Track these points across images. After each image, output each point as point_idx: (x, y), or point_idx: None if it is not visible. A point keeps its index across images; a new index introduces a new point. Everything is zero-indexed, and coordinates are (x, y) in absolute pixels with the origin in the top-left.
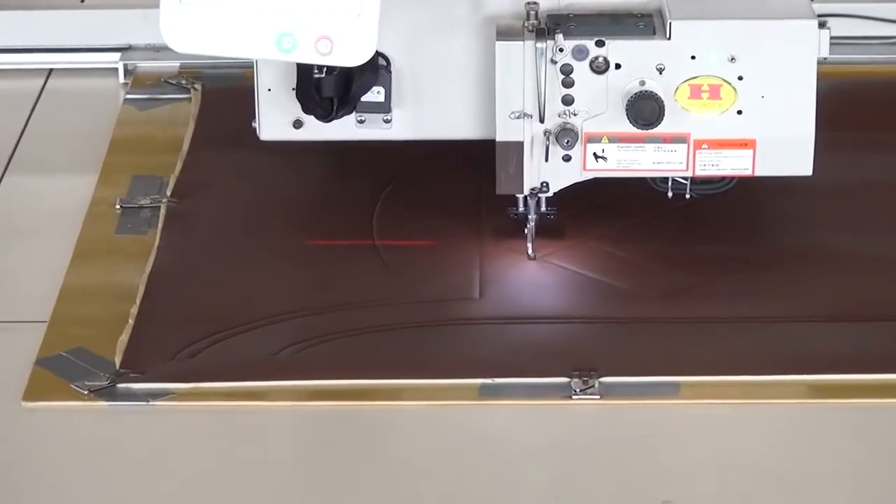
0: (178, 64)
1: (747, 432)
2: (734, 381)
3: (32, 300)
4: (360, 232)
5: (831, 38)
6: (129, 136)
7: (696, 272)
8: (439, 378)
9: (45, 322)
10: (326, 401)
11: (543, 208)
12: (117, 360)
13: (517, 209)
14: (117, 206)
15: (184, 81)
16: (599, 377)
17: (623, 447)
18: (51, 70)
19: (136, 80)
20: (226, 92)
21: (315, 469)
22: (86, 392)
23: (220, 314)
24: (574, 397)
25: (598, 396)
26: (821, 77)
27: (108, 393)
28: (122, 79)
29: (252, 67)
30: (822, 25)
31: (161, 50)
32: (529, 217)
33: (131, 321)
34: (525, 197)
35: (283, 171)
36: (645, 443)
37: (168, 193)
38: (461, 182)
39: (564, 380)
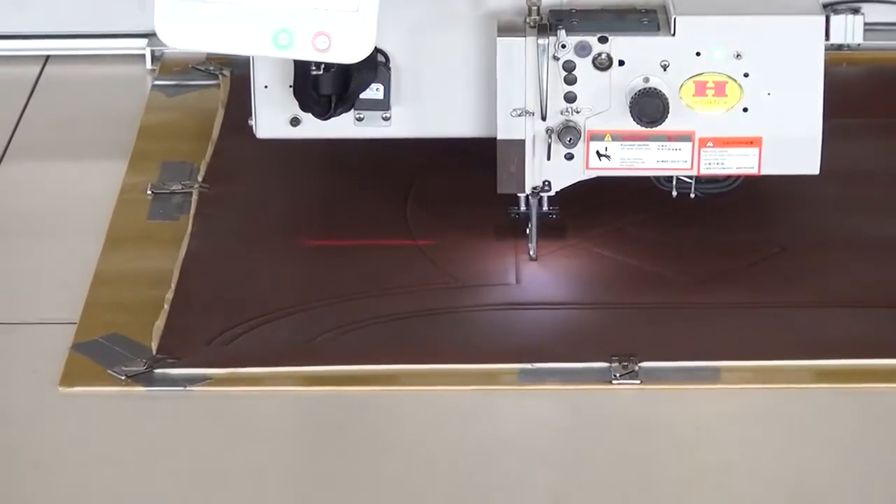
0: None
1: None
2: (775, 365)
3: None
4: (395, 224)
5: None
6: (157, 123)
7: (729, 259)
8: (480, 363)
9: (78, 312)
10: (362, 386)
11: (545, 207)
12: (153, 346)
13: (518, 209)
14: (148, 192)
15: (212, 67)
16: (639, 362)
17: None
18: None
19: (163, 66)
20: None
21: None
22: (123, 378)
23: (256, 300)
24: (614, 382)
25: (639, 381)
26: (857, 62)
27: (146, 378)
28: (149, 65)
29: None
30: (855, 11)
31: None
32: (531, 217)
33: (167, 307)
34: (527, 196)
35: (316, 158)
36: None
37: (199, 179)
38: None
39: (604, 365)
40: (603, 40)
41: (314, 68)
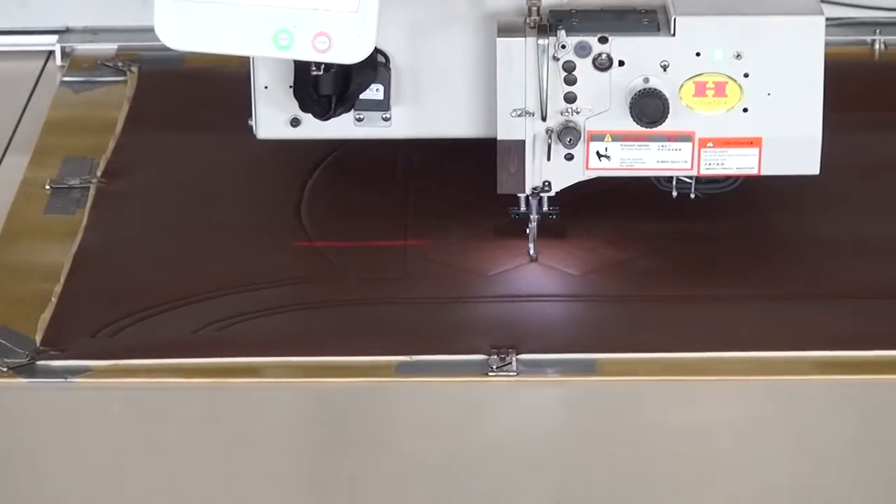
0: (116, 46)
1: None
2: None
3: None
4: (288, 212)
5: None
6: (63, 119)
7: (629, 249)
8: (357, 355)
9: None
10: (245, 378)
11: (545, 208)
12: (38, 338)
13: (518, 209)
14: (47, 187)
15: (120, 64)
16: (517, 354)
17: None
18: None
19: (73, 62)
20: (162, 75)
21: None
22: (4, 369)
23: (144, 293)
24: (490, 374)
25: (515, 373)
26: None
27: (28, 370)
28: (59, 61)
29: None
30: None
31: (99, 32)
32: (531, 217)
33: (54, 299)
34: (527, 196)
35: (215, 152)
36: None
37: (98, 174)
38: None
39: (482, 357)
40: (603, 40)
41: (314, 68)
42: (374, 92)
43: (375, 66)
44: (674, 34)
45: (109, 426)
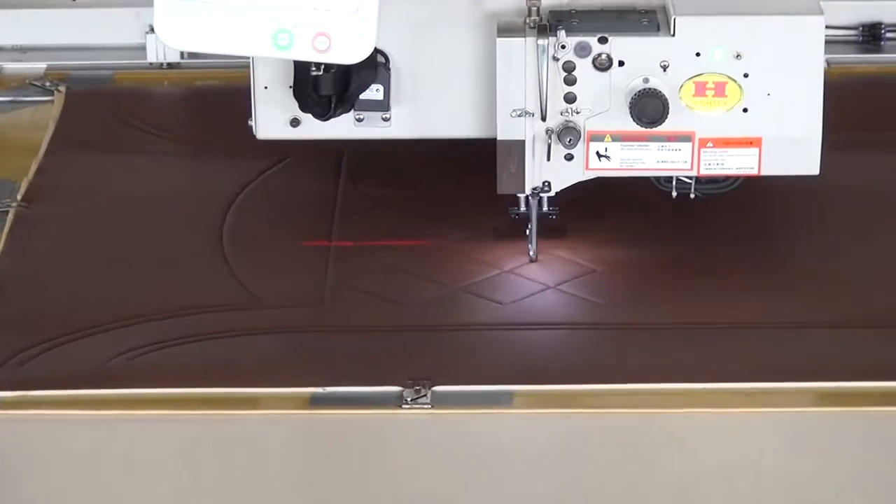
0: (45, 65)
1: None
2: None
3: None
4: (211, 237)
5: None
6: None
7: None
8: (272, 387)
9: None
10: (155, 409)
11: (545, 208)
12: None
13: (518, 209)
14: None
15: (48, 83)
16: (433, 386)
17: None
18: None
19: (1, 81)
20: (90, 94)
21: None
22: None
23: (58, 321)
24: (404, 406)
25: (430, 406)
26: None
27: None
28: None
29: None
30: None
31: (27, 51)
32: (531, 217)
33: None
34: (527, 196)
35: (141, 173)
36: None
37: (18, 197)
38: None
39: (397, 389)
40: (603, 41)
41: (314, 69)
42: (373, 92)
43: (375, 66)
44: (674, 34)
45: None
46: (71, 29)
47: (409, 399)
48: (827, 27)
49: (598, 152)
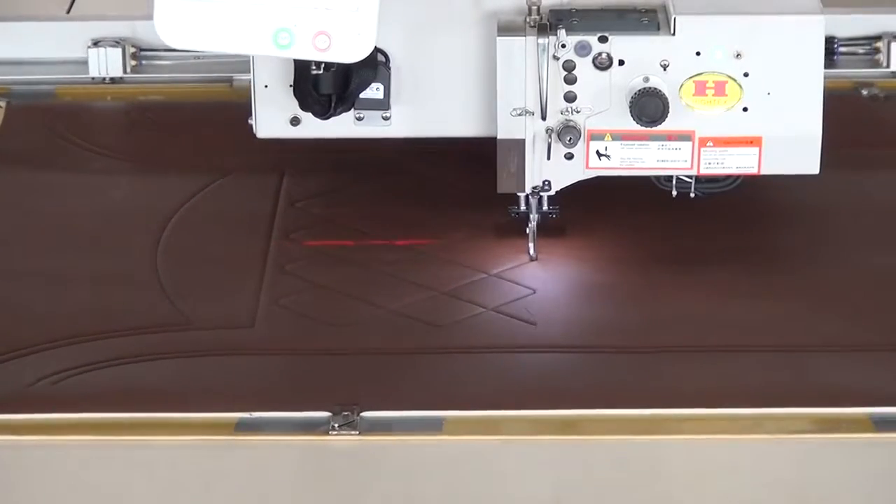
0: None
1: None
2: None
3: None
4: (144, 256)
5: None
6: None
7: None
8: (196, 412)
9: None
10: (78, 435)
11: (545, 207)
12: None
13: (518, 208)
14: None
15: None
16: (361, 412)
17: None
18: None
19: None
20: (32, 109)
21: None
22: None
23: None
24: (332, 433)
25: (357, 432)
26: None
27: None
28: None
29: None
30: None
31: None
32: (531, 216)
33: None
34: (527, 196)
35: (79, 191)
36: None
37: None
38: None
39: (325, 414)
40: (603, 40)
41: (314, 67)
42: (374, 91)
43: (375, 65)
44: (674, 33)
45: None
46: (12, 42)
47: (336, 425)
48: None
49: (598, 151)
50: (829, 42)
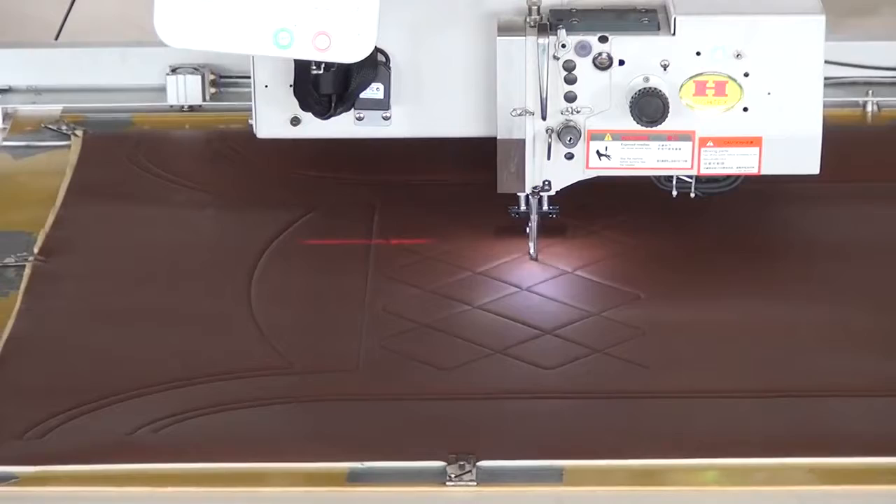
0: (61, 108)
1: None
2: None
3: None
4: (238, 295)
5: None
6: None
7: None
8: (305, 461)
9: None
10: (181, 486)
11: (545, 207)
12: None
13: (518, 208)
14: None
15: (64, 127)
16: (477, 461)
17: None
18: None
19: (14, 124)
20: (109, 139)
21: None
22: None
23: (78, 387)
24: (448, 483)
25: (475, 483)
26: None
27: None
28: (0, 123)
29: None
30: None
31: (42, 92)
32: (531, 216)
33: None
34: (527, 196)
35: (162, 224)
36: None
37: (35, 251)
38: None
39: (440, 464)
40: (603, 40)
41: (314, 67)
42: (374, 91)
43: (375, 65)
44: (674, 33)
45: None
46: (88, 69)
47: (452, 475)
48: (876, 68)
49: (598, 151)
50: None
